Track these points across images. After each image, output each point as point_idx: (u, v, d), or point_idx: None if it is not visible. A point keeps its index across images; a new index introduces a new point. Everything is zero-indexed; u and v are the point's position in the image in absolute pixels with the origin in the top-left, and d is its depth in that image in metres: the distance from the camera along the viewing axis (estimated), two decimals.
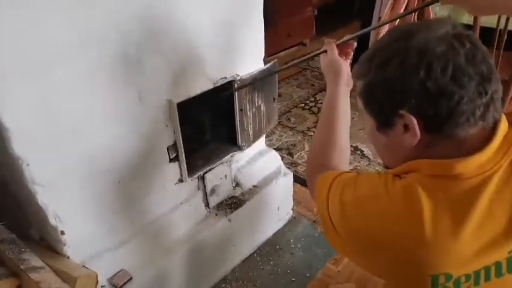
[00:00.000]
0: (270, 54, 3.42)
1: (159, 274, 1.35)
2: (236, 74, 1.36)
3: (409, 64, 0.63)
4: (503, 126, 0.67)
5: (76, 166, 1.05)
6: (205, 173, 1.44)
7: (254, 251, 1.73)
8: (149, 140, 1.22)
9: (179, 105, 1.22)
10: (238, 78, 1.36)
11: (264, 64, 1.48)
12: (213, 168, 1.46)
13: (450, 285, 0.64)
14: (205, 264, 1.53)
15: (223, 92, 1.37)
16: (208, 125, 1.53)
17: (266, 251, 1.74)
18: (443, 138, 0.66)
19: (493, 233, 0.64)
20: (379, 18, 2.27)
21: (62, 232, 1.09)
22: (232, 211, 1.56)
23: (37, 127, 0.94)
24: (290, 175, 1.82)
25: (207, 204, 1.52)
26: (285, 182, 1.79)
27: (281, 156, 2.08)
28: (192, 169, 1.38)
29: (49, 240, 1.15)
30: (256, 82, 1.40)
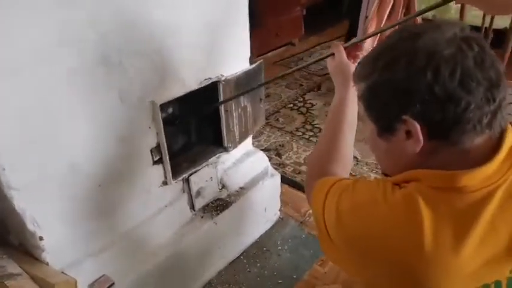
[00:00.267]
0: (259, 54, 3.41)
1: (143, 279, 1.32)
2: (221, 75, 1.34)
3: (416, 66, 0.60)
4: (509, 136, 0.64)
5: (54, 170, 1.02)
6: (190, 175, 1.42)
7: (241, 254, 1.71)
8: (132, 143, 1.19)
9: (162, 106, 1.20)
10: (223, 78, 1.34)
11: (250, 64, 1.47)
12: (199, 170, 1.44)
13: None
14: (190, 268, 1.51)
15: (208, 93, 1.35)
16: (193, 127, 1.51)
17: (253, 253, 1.72)
18: (447, 146, 0.63)
19: (495, 250, 0.61)
20: (365, 17, 2.27)
21: (41, 238, 1.06)
22: (218, 213, 1.54)
23: (12, 131, 0.91)
24: (277, 176, 1.80)
25: (193, 206, 1.50)
26: (272, 183, 1.78)
27: (269, 157, 2.07)
28: (177, 171, 1.35)
29: (28, 246, 1.12)
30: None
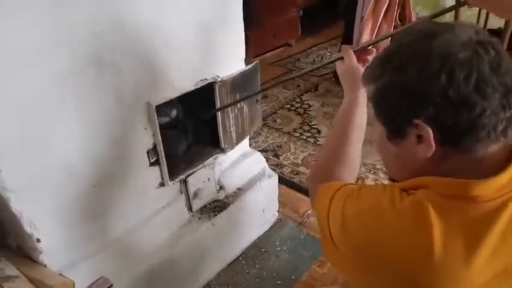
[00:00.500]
0: (256, 55, 3.42)
1: (141, 280, 1.32)
2: (217, 76, 1.34)
3: (430, 68, 0.58)
4: None
5: (50, 172, 1.02)
6: (187, 177, 1.42)
7: (239, 255, 1.71)
8: (128, 144, 1.19)
9: (158, 107, 1.20)
10: (218, 79, 1.34)
11: (246, 65, 1.47)
12: (196, 171, 1.44)
13: None
14: (188, 269, 1.51)
15: (204, 94, 1.35)
16: (190, 128, 1.51)
17: (251, 254, 1.72)
18: (459, 152, 0.61)
19: (507, 262, 0.60)
20: (361, 17, 2.27)
21: (38, 240, 1.06)
22: (216, 214, 1.54)
23: (7, 132, 0.91)
24: (275, 177, 1.80)
25: (190, 208, 1.50)
26: (270, 184, 1.78)
27: (267, 158, 2.07)
28: (174, 173, 1.35)
29: (25, 248, 1.12)
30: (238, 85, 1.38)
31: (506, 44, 2.45)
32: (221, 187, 1.60)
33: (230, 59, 1.40)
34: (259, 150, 2.12)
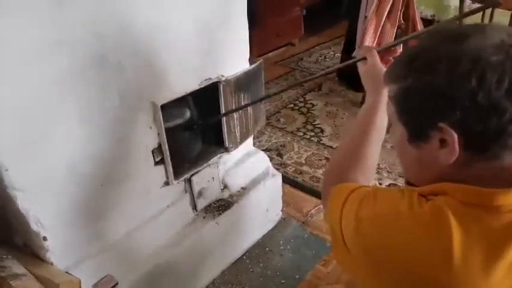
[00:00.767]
0: (259, 54, 3.42)
1: (146, 279, 1.33)
2: (221, 75, 1.35)
3: (460, 70, 0.55)
4: None
5: (56, 170, 1.03)
6: (192, 176, 1.43)
7: (243, 254, 1.72)
8: (133, 143, 1.20)
9: (163, 107, 1.21)
10: (223, 79, 1.35)
11: (250, 64, 1.47)
12: (200, 170, 1.45)
13: None
14: (192, 268, 1.51)
15: (208, 93, 1.36)
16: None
17: (255, 253, 1.72)
18: (484, 159, 0.59)
19: None
20: (365, 17, 2.27)
21: (45, 238, 1.07)
22: (220, 214, 1.54)
23: (14, 131, 0.92)
24: (279, 176, 1.81)
25: (195, 207, 1.50)
26: (274, 183, 1.78)
27: (270, 157, 2.08)
28: (178, 172, 1.36)
29: (32, 246, 1.13)
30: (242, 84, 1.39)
31: None
32: (225, 186, 1.61)
33: (234, 59, 1.41)
34: (262, 149, 2.12)
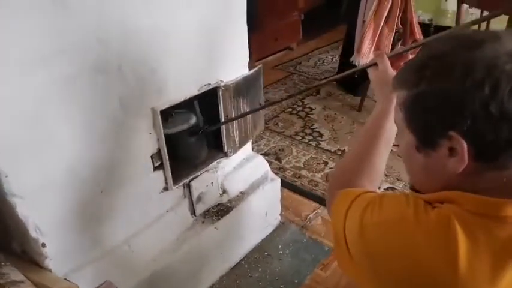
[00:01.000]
0: (258, 58, 3.42)
1: (145, 284, 1.33)
2: (220, 80, 1.35)
3: (473, 78, 0.54)
4: None
5: (56, 177, 1.03)
6: (190, 181, 1.43)
7: (242, 258, 1.71)
8: (132, 149, 1.20)
9: (162, 112, 1.21)
10: (222, 84, 1.35)
11: (249, 70, 1.48)
12: (199, 175, 1.45)
13: None
14: (191, 273, 1.51)
15: (207, 98, 1.36)
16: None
17: (254, 258, 1.72)
18: (493, 170, 0.59)
19: None
20: (363, 22, 2.28)
21: (43, 245, 1.07)
22: (219, 218, 1.54)
23: (14, 137, 0.92)
24: (277, 180, 1.81)
25: (194, 212, 1.50)
26: (273, 188, 1.78)
27: (269, 161, 2.07)
28: (177, 177, 1.36)
29: (31, 253, 1.12)
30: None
31: None
32: (224, 191, 1.61)
33: (233, 64, 1.41)
34: (261, 153, 2.12)
